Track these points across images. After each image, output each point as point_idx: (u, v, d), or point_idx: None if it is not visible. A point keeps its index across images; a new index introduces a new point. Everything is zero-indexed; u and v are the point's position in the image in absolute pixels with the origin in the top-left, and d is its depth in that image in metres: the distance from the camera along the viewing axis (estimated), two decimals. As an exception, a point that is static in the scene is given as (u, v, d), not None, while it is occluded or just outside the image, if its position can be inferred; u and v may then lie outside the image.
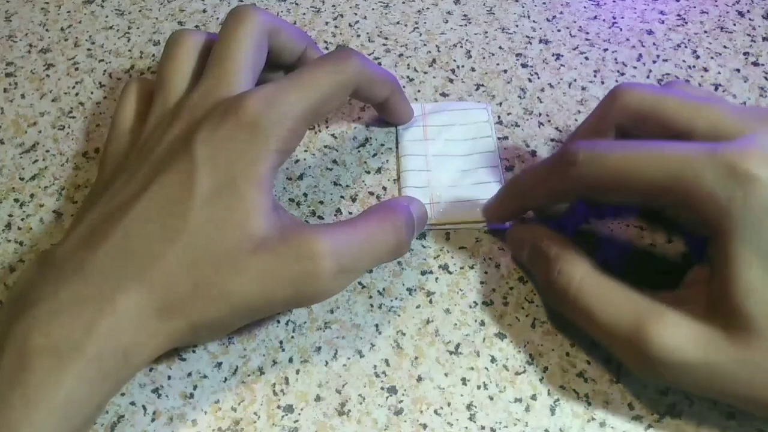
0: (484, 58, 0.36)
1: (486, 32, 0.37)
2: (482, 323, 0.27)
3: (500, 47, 0.36)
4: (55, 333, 0.21)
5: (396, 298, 0.28)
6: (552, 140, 0.32)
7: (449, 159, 0.32)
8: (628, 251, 0.29)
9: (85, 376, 0.21)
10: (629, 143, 0.23)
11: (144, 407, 0.25)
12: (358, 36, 0.37)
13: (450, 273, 0.28)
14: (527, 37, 0.37)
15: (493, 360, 0.26)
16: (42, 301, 0.22)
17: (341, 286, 0.24)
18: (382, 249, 0.25)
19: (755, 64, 0.35)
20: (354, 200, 0.31)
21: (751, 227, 0.21)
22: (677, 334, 0.22)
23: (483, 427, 0.25)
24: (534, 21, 0.37)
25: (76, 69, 0.36)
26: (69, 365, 0.21)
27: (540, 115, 0.33)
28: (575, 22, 0.37)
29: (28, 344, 0.21)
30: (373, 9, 0.38)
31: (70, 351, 0.21)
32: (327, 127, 0.33)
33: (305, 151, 0.32)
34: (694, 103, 0.24)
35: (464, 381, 0.26)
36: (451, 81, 0.35)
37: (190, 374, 0.26)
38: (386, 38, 0.37)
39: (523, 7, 0.38)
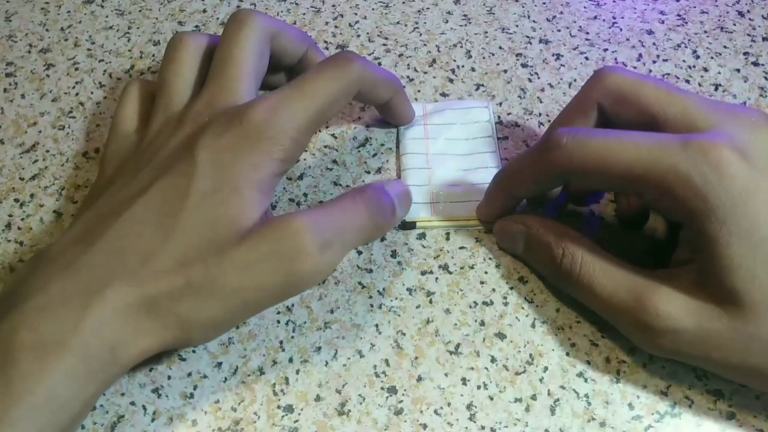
0: (484, 58, 0.36)
1: (486, 32, 0.37)
2: (482, 323, 0.27)
3: (500, 47, 0.36)
4: (41, 328, 0.21)
5: (396, 298, 0.28)
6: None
7: (450, 158, 0.32)
8: (613, 231, 0.29)
9: (70, 372, 0.21)
10: (610, 131, 0.24)
11: (144, 407, 0.25)
12: (358, 36, 0.37)
13: (450, 273, 0.28)
14: (527, 37, 0.37)
15: (493, 360, 0.26)
16: (31, 297, 0.22)
17: (329, 262, 0.24)
18: (358, 221, 0.25)
19: (755, 64, 0.35)
20: (354, 200, 0.31)
21: (726, 209, 0.22)
22: (673, 304, 0.23)
23: (483, 427, 0.25)
24: (534, 21, 0.37)
25: (76, 69, 0.36)
26: (54, 360, 0.21)
27: (540, 115, 0.33)
28: (575, 22, 0.37)
29: (14, 339, 0.21)
30: (373, 9, 0.38)
31: (56, 346, 0.21)
32: (327, 127, 0.33)
33: (305, 150, 0.32)
34: (668, 90, 0.25)
35: (464, 381, 0.26)
36: (451, 81, 0.35)
37: (190, 374, 0.26)
38: (386, 38, 0.37)
39: (523, 7, 0.38)
